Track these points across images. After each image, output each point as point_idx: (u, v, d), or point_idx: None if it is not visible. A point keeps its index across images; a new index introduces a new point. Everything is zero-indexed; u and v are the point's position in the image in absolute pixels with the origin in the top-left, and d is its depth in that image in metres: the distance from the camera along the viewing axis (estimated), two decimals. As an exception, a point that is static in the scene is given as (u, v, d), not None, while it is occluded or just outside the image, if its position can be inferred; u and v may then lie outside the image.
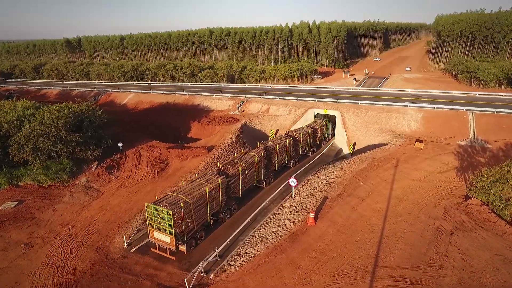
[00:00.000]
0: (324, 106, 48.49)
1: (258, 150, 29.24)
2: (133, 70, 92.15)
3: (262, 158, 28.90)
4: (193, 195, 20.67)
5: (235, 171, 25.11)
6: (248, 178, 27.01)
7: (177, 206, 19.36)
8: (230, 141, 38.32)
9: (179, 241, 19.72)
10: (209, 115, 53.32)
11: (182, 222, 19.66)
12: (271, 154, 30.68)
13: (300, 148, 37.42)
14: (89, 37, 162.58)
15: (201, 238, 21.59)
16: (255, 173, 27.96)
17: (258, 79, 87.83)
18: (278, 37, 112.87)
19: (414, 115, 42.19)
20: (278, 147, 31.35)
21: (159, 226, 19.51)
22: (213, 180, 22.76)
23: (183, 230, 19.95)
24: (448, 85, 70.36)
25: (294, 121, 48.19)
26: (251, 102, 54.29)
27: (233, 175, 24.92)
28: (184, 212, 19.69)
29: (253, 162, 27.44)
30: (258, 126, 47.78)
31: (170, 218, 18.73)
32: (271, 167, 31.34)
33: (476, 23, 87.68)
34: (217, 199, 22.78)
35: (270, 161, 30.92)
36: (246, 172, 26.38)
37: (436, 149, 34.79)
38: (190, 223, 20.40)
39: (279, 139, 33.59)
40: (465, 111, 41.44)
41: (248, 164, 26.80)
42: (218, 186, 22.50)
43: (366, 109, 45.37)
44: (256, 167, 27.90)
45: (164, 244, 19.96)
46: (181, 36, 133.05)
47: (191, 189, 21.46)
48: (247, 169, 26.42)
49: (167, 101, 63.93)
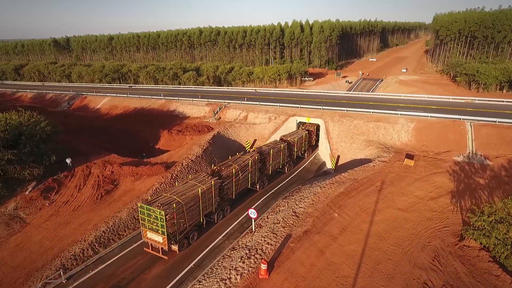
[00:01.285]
0: (308, 114, 43.82)
1: (253, 153, 29.39)
2: (114, 72, 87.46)
3: (256, 162, 29.11)
4: (186, 196, 20.86)
5: (228, 173, 25.39)
6: (242, 180, 27.31)
7: (170, 207, 19.57)
8: (194, 156, 33.63)
9: (171, 241, 20.11)
10: (183, 123, 48.65)
11: (174, 222, 19.90)
12: (265, 158, 30.96)
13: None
14: (78, 37, 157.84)
15: (193, 238, 21.97)
16: (248, 176, 28.18)
17: (245, 81, 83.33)
18: (269, 37, 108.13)
19: (405, 125, 37.51)
20: (272, 151, 31.59)
21: (152, 226, 19.79)
22: (206, 181, 22.90)
23: (176, 230, 20.23)
24: (445, 88, 65.70)
25: (274, 130, 43.53)
26: (229, 109, 49.61)
27: (227, 177, 25.22)
28: (177, 213, 19.96)
29: (247, 165, 27.60)
30: (234, 136, 43.12)
31: (162, 219, 19.00)
32: (265, 171, 31.58)
33: (476, 22, 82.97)
34: (210, 200, 23.10)
35: (264, 165, 31.16)
36: (240, 175, 26.66)
37: (428, 167, 30.12)
38: (182, 223, 20.67)
39: (274, 143, 33.86)
40: (462, 120, 36.76)
41: (242, 166, 26.97)
42: (211, 187, 22.77)
43: (352, 118, 40.68)
44: (250, 170, 28.13)
45: (156, 243, 20.24)
46: (170, 36, 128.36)
47: (184, 190, 21.64)
48: (240, 171, 26.66)
49: (142, 106, 59.32)
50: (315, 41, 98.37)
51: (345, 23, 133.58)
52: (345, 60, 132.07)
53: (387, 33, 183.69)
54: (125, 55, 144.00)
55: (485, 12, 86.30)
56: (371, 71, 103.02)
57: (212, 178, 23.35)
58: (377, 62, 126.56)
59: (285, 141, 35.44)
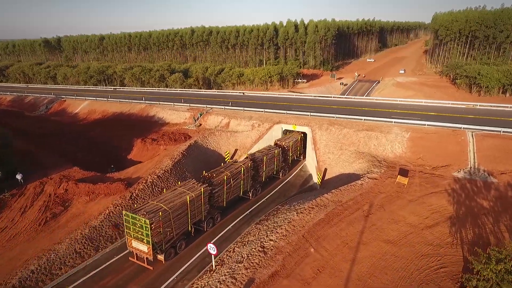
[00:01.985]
0: (294, 121, 40.15)
1: (245, 160, 28.72)
2: (99, 73, 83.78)
3: (249, 169, 28.47)
4: (173, 204, 20.16)
5: (219, 180, 24.86)
6: (234, 188, 26.72)
7: (156, 215, 18.80)
8: (162, 171, 29.94)
9: (157, 251, 19.34)
10: (160, 130, 44.96)
11: (160, 231, 19.13)
12: (258, 165, 30.13)
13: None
14: (69, 37, 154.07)
15: (181, 248, 21.13)
16: (241, 183, 27.54)
17: (235, 84, 79.71)
18: (263, 37, 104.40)
19: (400, 134, 33.81)
20: (266, 158, 30.69)
21: (137, 235, 18.98)
22: (196, 189, 22.23)
23: (162, 239, 19.48)
24: (444, 91, 62.03)
25: (257, 139, 39.87)
26: (211, 114, 45.92)
27: (218, 184, 24.64)
28: (163, 221, 19.21)
29: (239, 172, 26.96)
30: (213, 145, 39.45)
31: (147, 227, 18.28)
32: (259, 178, 30.72)
33: (477, 21, 79.26)
34: (199, 208, 22.42)
35: (258, 172, 30.32)
36: (232, 182, 26.06)
37: (424, 186, 26.45)
38: (169, 232, 19.91)
39: (267, 149, 32.73)
40: (463, 130, 33.06)
41: (234, 174, 26.39)
42: (200, 195, 22.15)
43: (342, 126, 37.00)
44: (243, 178, 27.50)
45: (141, 253, 19.46)
46: (162, 36, 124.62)
47: (172, 197, 20.89)
48: (232, 179, 26.07)
49: (122, 110, 55.65)
50: (309, 41, 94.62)
51: (342, 23, 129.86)
52: (342, 60, 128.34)
53: (385, 33, 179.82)
54: (117, 56, 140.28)
55: (487, 11, 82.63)
56: (368, 72, 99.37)
57: (202, 185, 22.73)
58: (375, 63, 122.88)
59: (280, 146, 34.90)
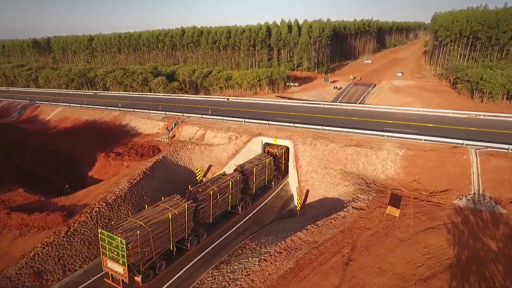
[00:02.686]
0: (276, 133, 35.88)
1: (234, 173, 27.77)
2: (80, 76, 79.52)
3: (238, 183, 27.37)
4: (154, 221, 19.18)
5: (205, 196, 23.79)
6: (221, 203, 25.57)
7: (133, 234, 17.77)
8: (114, 197, 25.66)
9: (133, 272, 18.28)
10: (130, 142, 40.69)
11: (138, 251, 18.02)
12: (248, 178, 28.92)
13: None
14: (58, 38, 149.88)
15: (161, 268, 20.08)
16: (229, 198, 26.40)
17: (223, 87, 75.44)
18: (255, 38, 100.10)
19: (393, 151, 29.50)
20: (256, 169, 29.58)
21: (113, 255, 17.88)
22: (179, 205, 21.35)
23: (139, 260, 18.34)
24: (444, 97, 57.75)
25: (233, 153, 35.60)
26: (186, 125, 41.62)
27: (203, 200, 23.59)
28: (142, 240, 18.14)
29: (227, 186, 25.99)
30: (184, 161, 35.20)
31: (123, 247, 17.12)
32: (249, 190, 29.54)
33: (478, 22, 74.91)
34: (182, 225, 21.38)
35: (247, 185, 29.10)
36: (218, 197, 24.95)
37: (419, 218, 22.19)
38: (147, 252, 18.84)
39: (258, 159, 31.57)
40: (465, 147, 28.74)
41: (221, 188, 25.37)
42: (184, 212, 21.17)
43: (328, 140, 32.71)
44: (231, 192, 26.40)
45: (117, 275, 18.24)
46: (152, 36, 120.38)
47: (153, 214, 19.90)
48: (219, 193, 25.04)
49: (95, 118, 51.34)
50: (301, 42, 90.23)
51: (338, 23, 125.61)
52: (339, 62, 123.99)
53: (384, 33, 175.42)
54: (106, 57, 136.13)
55: (489, 10, 78.28)
56: (364, 74, 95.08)
57: (186, 202, 21.79)
58: (372, 64, 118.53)
59: (271, 154, 33.80)
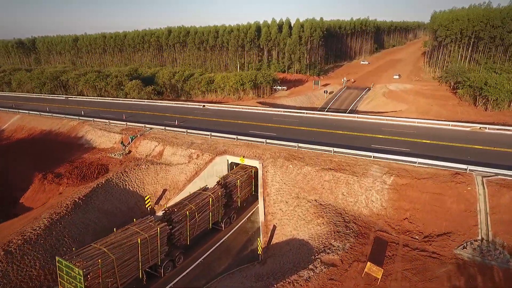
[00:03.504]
0: (244, 150, 30.24)
1: (215, 189, 25.58)
2: (52, 79, 73.83)
3: (220, 198, 25.32)
4: (120, 248, 17.61)
5: (181, 216, 21.81)
6: (200, 222, 23.52)
7: (94, 263, 16.29)
8: (20, 242, 20.02)
9: None
10: (78, 159, 34.99)
11: (99, 281, 16.42)
12: (231, 191, 26.82)
13: None
14: (43, 38, 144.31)
15: None
16: (209, 215, 24.44)
17: (205, 91, 69.81)
18: (243, 38, 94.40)
19: (379, 179, 23.83)
20: (240, 181, 27.56)
21: (71, 286, 16.38)
22: (151, 228, 19.57)
23: None
24: (443, 104, 52.05)
25: (193, 175, 29.96)
26: (145, 139, 35.93)
27: (179, 221, 21.69)
28: (104, 269, 16.59)
29: (207, 203, 23.97)
30: (134, 185, 29.58)
31: (80, 279, 15.71)
32: (233, 204, 27.48)
33: (481, 20, 69.17)
34: (154, 250, 19.61)
35: (231, 199, 27.06)
36: (196, 217, 22.96)
37: (409, 279, 16.57)
38: (111, 282, 17.08)
39: (243, 169, 29.35)
40: (469, 173, 23.08)
41: (200, 206, 23.39)
42: (156, 236, 19.45)
43: (303, 161, 27.05)
44: (211, 209, 24.47)
45: None
46: (137, 36, 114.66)
47: (120, 239, 18.24)
48: (198, 212, 23.06)
49: (51, 128, 45.67)
50: (290, 43, 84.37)
51: (333, 22, 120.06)
52: (334, 63, 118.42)
53: (382, 33, 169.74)
54: (92, 58, 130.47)
55: (492, 8, 72.53)
56: (359, 76, 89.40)
57: (159, 225, 20.15)
58: (369, 66, 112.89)
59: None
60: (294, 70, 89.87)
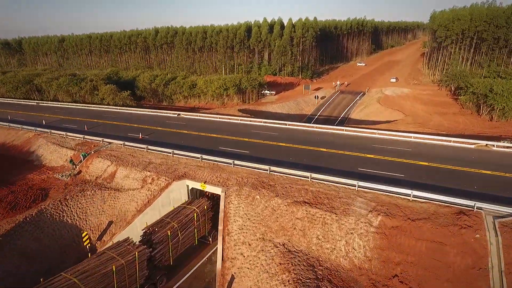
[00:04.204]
0: (208, 174, 25.41)
1: (201, 202, 23.81)
2: (25, 83, 68.95)
3: (206, 211, 23.55)
4: (93, 277, 16.36)
5: (163, 236, 20.26)
6: (184, 240, 21.97)
7: None
8: None
9: None
10: (20, 181, 30.11)
11: None
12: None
13: None
14: (30, 38, 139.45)
15: None
16: (194, 232, 22.74)
17: (187, 96, 65.02)
18: (233, 38, 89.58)
19: (364, 218, 18.98)
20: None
21: None
22: (129, 252, 18.28)
23: None
24: (444, 111, 47.22)
25: (145, 204, 25.13)
26: (98, 157, 31.04)
27: (160, 242, 20.15)
28: None
29: (191, 219, 22.34)
30: (75, 216, 24.74)
31: None
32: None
33: (484, 20, 64.37)
34: (133, 276, 18.24)
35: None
36: (179, 235, 21.40)
37: None
38: None
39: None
40: (477, 212, 18.22)
41: (184, 223, 21.77)
42: (134, 261, 18.13)
43: (273, 191, 22.22)
44: (196, 225, 22.80)
45: None
46: (123, 37, 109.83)
47: (93, 267, 17.00)
48: (181, 230, 21.51)
49: (5, 141, 40.85)
50: (279, 44, 79.53)
51: (329, 22, 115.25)
52: (329, 64, 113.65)
53: (380, 33, 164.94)
54: (78, 59, 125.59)
55: (497, 7, 67.72)
56: (354, 80, 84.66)
57: (137, 248, 18.63)
58: (365, 68, 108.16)
59: None
60: (286, 73, 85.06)
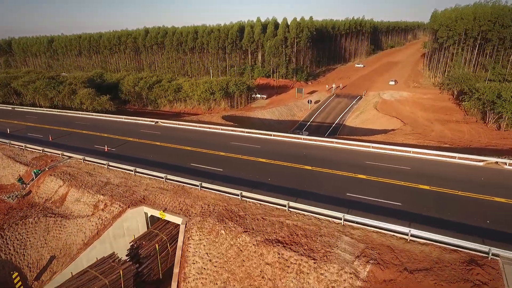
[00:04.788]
0: (169, 200, 21.49)
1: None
2: (2, 86, 65.09)
3: None
4: None
5: (150, 250, 18.97)
6: (174, 252, 19.65)
7: None
8: None
9: None
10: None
11: None
12: None
13: None
14: (19, 39, 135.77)
15: None
16: None
17: (172, 101, 61.13)
18: (225, 39, 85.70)
19: (349, 266, 15.05)
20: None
21: None
22: (113, 270, 17.32)
23: None
24: (446, 119, 43.21)
25: (94, 235, 21.20)
26: (51, 175, 27.07)
27: (148, 256, 18.95)
28: None
29: None
30: (11, 250, 21.03)
31: None
32: None
33: (489, 19, 60.40)
34: None
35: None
36: (169, 247, 19.87)
37: None
38: None
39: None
40: (493, 260, 14.31)
41: (173, 235, 20.16)
42: (119, 279, 17.15)
43: (243, 224, 18.29)
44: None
45: None
46: (113, 37, 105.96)
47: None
48: (170, 242, 19.95)
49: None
50: (270, 45, 75.54)
51: (326, 22, 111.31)
52: (326, 66, 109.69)
53: (379, 33, 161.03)
54: (67, 61, 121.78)
55: (502, 5, 63.74)
56: (351, 82, 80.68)
57: (122, 265, 17.54)
58: (364, 69, 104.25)
59: None
60: (279, 75, 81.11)
